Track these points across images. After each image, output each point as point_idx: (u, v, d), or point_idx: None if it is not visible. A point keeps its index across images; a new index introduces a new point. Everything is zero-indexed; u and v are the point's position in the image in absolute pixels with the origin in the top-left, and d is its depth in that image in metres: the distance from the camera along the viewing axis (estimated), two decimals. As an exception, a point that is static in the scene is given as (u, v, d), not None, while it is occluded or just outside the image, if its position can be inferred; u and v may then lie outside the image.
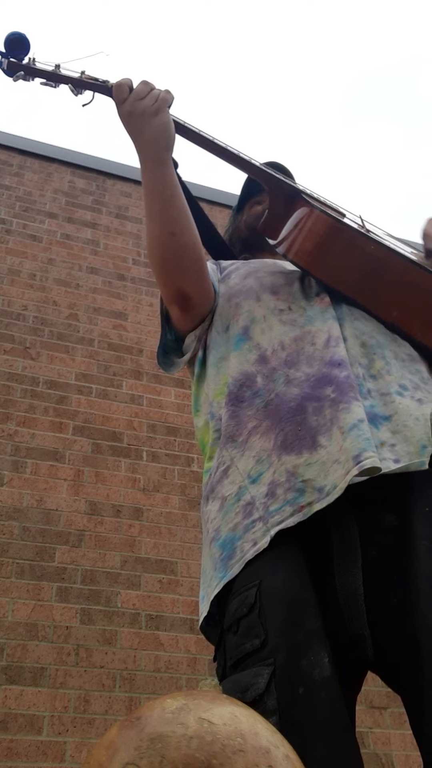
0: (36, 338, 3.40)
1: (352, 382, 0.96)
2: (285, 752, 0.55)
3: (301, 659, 0.78)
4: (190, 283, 1.14)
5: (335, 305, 1.09)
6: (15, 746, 2.32)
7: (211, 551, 0.98)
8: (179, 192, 1.13)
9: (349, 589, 0.86)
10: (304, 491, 0.90)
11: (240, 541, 0.92)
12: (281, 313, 1.10)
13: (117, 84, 1.11)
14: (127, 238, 4.06)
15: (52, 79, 1.13)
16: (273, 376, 1.03)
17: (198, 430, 1.15)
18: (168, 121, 1.11)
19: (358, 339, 1.05)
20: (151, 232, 1.13)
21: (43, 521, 2.84)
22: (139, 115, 1.10)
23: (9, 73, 1.12)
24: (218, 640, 0.93)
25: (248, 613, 0.85)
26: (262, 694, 0.76)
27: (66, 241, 3.88)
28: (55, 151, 4.30)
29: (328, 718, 0.75)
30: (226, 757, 0.51)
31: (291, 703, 0.75)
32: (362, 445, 0.88)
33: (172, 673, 2.65)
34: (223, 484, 1.00)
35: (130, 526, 2.97)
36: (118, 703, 2.52)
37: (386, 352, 1.05)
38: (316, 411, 0.95)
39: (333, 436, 0.92)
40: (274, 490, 0.92)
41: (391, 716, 2.77)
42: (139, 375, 3.49)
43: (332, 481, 0.89)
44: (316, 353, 1.02)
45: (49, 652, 2.55)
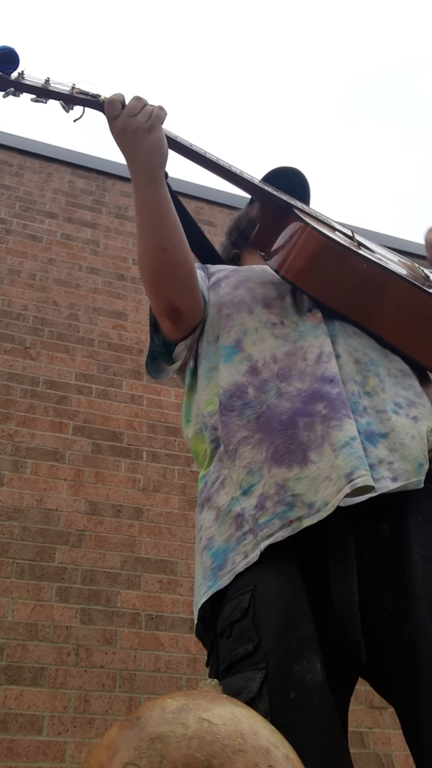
0: (36, 338, 3.40)
1: (344, 399, 0.96)
2: (285, 752, 0.55)
3: (293, 664, 0.78)
4: (181, 298, 1.14)
5: (327, 321, 1.09)
6: (15, 746, 2.32)
7: (202, 559, 0.98)
8: (172, 209, 1.12)
9: (344, 596, 0.86)
10: (294, 505, 0.90)
11: (232, 552, 0.93)
12: (273, 327, 1.10)
13: (109, 100, 1.08)
14: (127, 238, 4.06)
15: (41, 94, 1.09)
16: (264, 387, 1.03)
17: (189, 440, 1.15)
18: (161, 137, 1.09)
19: (351, 356, 1.06)
20: (142, 248, 1.13)
21: (43, 521, 2.84)
22: (132, 131, 1.07)
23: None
24: (211, 644, 0.93)
25: (242, 617, 0.85)
26: (254, 698, 0.77)
27: (66, 241, 3.88)
28: (55, 151, 4.30)
29: (320, 722, 0.75)
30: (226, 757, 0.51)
31: (282, 708, 0.75)
32: (355, 464, 0.88)
33: (172, 673, 2.65)
34: (219, 494, 1.00)
35: (130, 526, 2.97)
36: (118, 703, 2.52)
37: (379, 369, 1.06)
38: (307, 426, 0.95)
39: (324, 452, 0.92)
40: (264, 503, 0.92)
41: (391, 716, 2.77)
42: (139, 375, 3.49)
43: (323, 498, 0.89)
44: (308, 369, 1.02)
45: (49, 652, 2.55)
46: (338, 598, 0.86)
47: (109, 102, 1.08)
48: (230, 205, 4.40)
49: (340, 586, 0.87)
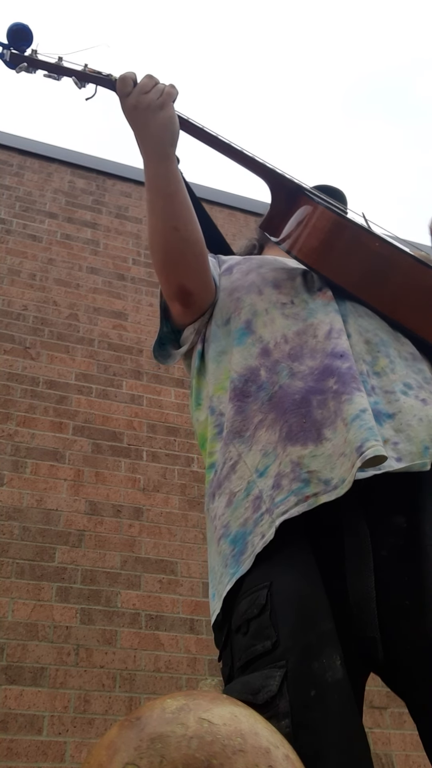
0: (36, 338, 3.40)
1: (354, 373, 0.96)
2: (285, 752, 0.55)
3: (313, 661, 0.77)
4: (193, 279, 1.13)
5: (338, 300, 1.09)
6: (15, 746, 2.32)
7: (220, 548, 0.97)
8: (182, 187, 1.12)
9: (361, 592, 0.85)
10: (310, 482, 0.89)
11: (251, 535, 0.91)
12: (284, 307, 1.10)
13: (121, 77, 1.09)
14: (127, 238, 4.06)
15: (54, 71, 1.11)
16: (276, 368, 1.02)
17: (199, 424, 1.14)
18: (172, 115, 1.09)
19: (362, 336, 1.05)
20: (153, 228, 1.12)
21: (43, 521, 2.84)
22: (143, 109, 1.07)
23: (11, 65, 1.10)
24: (224, 641, 0.92)
25: (259, 614, 0.84)
26: (274, 697, 0.76)
27: (66, 241, 3.88)
28: (55, 151, 4.30)
29: (341, 720, 0.75)
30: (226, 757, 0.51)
31: (303, 706, 0.75)
32: (364, 435, 0.87)
33: (172, 673, 2.65)
34: (231, 479, 0.99)
35: (130, 526, 2.97)
36: (118, 703, 2.52)
37: (390, 351, 1.05)
38: (320, 404, 0.95)
39: (337, 428, 0.91)
40: (280, 482, 0.92)
41: (391, 716, 2.77)
42: (139, 375, 3.49)
43: (339, 475, 0.88)
44: (318, 345, 1.02)
45: (49, 652, 2.55)
46: (355, 594, 0.85)
47: (121, 79, 1.09)
48: (230, 205, 4.40)
49: (357, 581, 0.86)
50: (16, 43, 1.09)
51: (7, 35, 1.10)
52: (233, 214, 4.38)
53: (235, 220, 4.34)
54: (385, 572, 0.87)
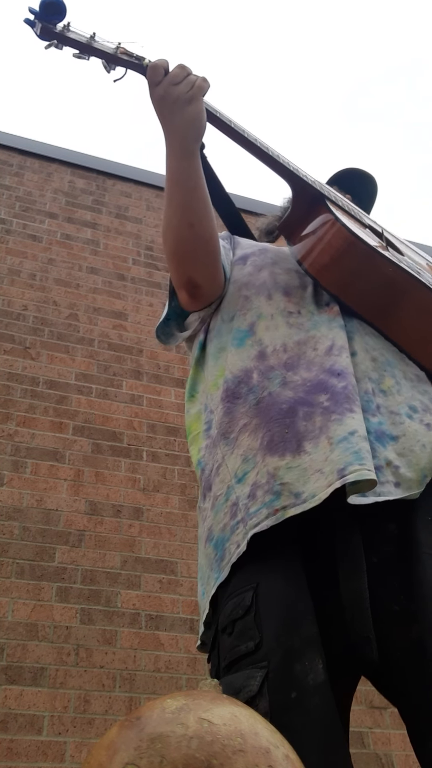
0: (36, 338, 3.40)
1: (349, 393, 0.94)
2: (285, 752, 0.55)
3: (294, 664, 0.77)
4: (201, 274, 1.12)
5: (345, 317, 1.07)
6: (15, 746, 2.32)
7: (206, 550, 0.98)
8: (202, 182, 1.10)
9: (355, 592, 0.85)
10: (281, 494, 0.89)
11: (228, 543, 0.92)
12: (290, 316, 1.08)
13: (152, 65, 1.05)
14: (127, 238, 4.06)
15: (84, 50, 1.05)
16: (269, 374, 1.01)
17: (189, 416, 1.13)
18: (201, 110, 1.06)
19: (368, 354, 1.03)
20: (168, 220, 1.11)
21: (43, 521, 2.84)
22: (172, 101, 1.04)
23: (42, 37, 1.04)
24: (212, 641, 0.93)
25: (244, 615, 0.84)
26: (254, 697, 0.76)
27: (66, 241, 3.88)
28: (55, 151, 4.29)
29: (320, 723, 0.75)
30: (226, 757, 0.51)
31: (283, 707, 0.75)
32: (349, 459, 0.86)
33: (172, 673, 2.65)
34: (215, 482, 0.99)
35: (130, 526, 2.97)
36: (118, 703, 2.52)
37: (396, 371, 1.03)
38: (306, 416, 0.94)
39: (320, 444, 0.90)
40: (255, 492, 0.92)
41: (391, 716, 2.77)
42: (139, 375, 3.49)
43: (311, 490, 0.87)
44: (317, 359, 1.01)
45: (49, 652, 2.55)
46: (348, 595, 0.85)
47: (152, 67, 1.05)
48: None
49: (350, 583, 0.86)
50: (48, 16, 1.03)
51: (40, 6, 1.03)
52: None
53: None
54: (375, 578, 0.87)
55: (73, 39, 1.04)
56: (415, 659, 0.81)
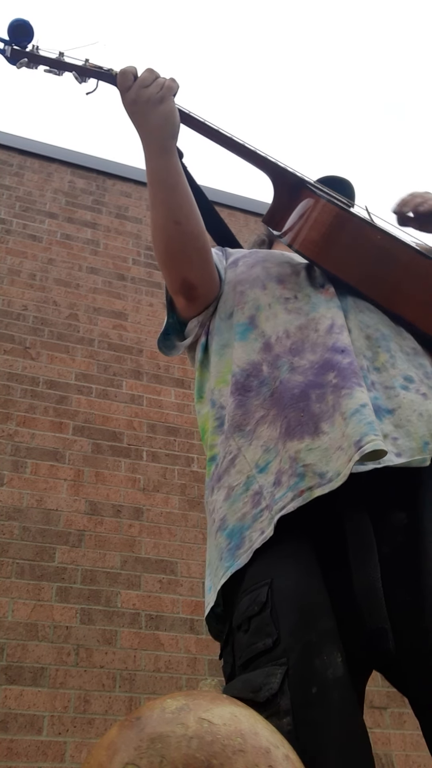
0: (36, 338, 3.40)
1: (355, 368, 0.96)
2: (285, 752, 0.55)
3: (314, 659, 0.77)
4: (196, 273, 1.13)
5: (340, 296, 1.09)
6: (15, 746, 2.32)
7: (217, 541, 0.97)
8: (183, 180, 1.12)
9: (368, 583, 0.85)
10: (305, 476, 0.89)
11: (248, 530, 0.92)
12: (287, 302, 1.10)
13: (122, 71, 1.10)
14: (127, 238, 4.06)
15: (55, 66, 1.11)
16: (277, 363, 1.02)
17: (200, 416, 1.14)
18: (173, 108, 1.10)
19: (362, 332, 1.05)
20: (155, 221, 1.13)
21: (43, 521, 2.84)
22: (143, 102, 1.08)
23: (12, 61, 1.11)
24: (225, 638, 0.92)
25: (260, 611, 0.84)
26: (276, 694, 0.76)
27: (66, 241, 3.88)
28: (55, 151, 4.30)
29: (342, 718, 0.75)
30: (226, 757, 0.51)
31: (304, 704, 0.75)
32: (364, 429, 0.87)
33: (172, 673, 2.65)
34: (230, 473, 0.99)
35: (130, 526, 2.97)
36: (118, 703, 2.52)
37: (391, 345, 1.05)
38: (319, 398, 0.95)
39: (335, 422, 0.91)
40: (280, 478, 0.92)
41: (391, 716, 2.77)
42: (139, 375, 3.49)
43: (335, 468, 0.88)
44: (319, 339, 1.02)
45: (49, 652, 2.55)
46: (361, 587, 0.85)
47: (122, 73, 1.10)
48: (230, 205, 4.40)
49: (362, 574, 0.86)
50: (17, 39, 1.09)
51: (8, 31, 1.10)
52: (233, 214, 4.38)
53: (235, 220, 4.34)
54: (386, 568, 0.87)
55: (43, 57, 1.11)
56: (424, 651, 0.81)
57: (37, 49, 1.10)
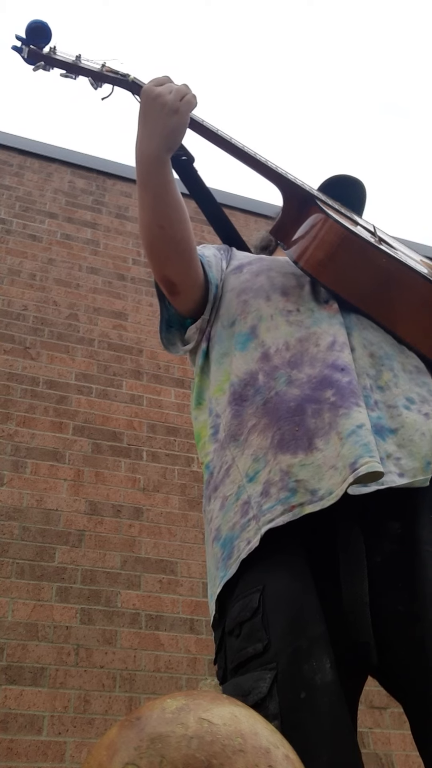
0: (36, 338, 3.40)
1: (354, 388, 0.95)
2: (285, 752, 0.55)
3: (303, 664, 0.78)
4: (175, 272, 1.15)
5: (344, 313, 1.09)
6: (15, 746, 2.32)
7: (213, 550, 0.98)
8: (172, 187, 1.12)
9: (355, 598, 0.85)
10: (296, 491, 0.90)
11: (237, 540, 0.92)
12: (289, 314, 1.10)
13: (158, 77, 1.10)
14: (127, 238, 4.06)
15: (71, 70, 1.11)
16: (275, 374, 1.02)
17: (197, 422, 1.15)
18: (183, 124, 1.09)
19: (366, 349, 1.05)
20: (141, 220, 1.15)
21: (43, 521, 2.84)
22: (160, 105, 1.07)
23: (30, 61, 1.10)
24: (219, 643, 0.93)
25: (251, 617, 0.84)
26: (264, 698, 0.76)
27: (66, 241, 3.88)
28: (55, 151, 4.29)
29: (330, 722, 0.75)
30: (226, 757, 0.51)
31: (293, 708, 0.75)
32: (359, 452, 0.87)
33: (172, 673, 2.65)
34: (225, 483, 1.00)
35: (130, 526, 2.97)
36: (118, 703, 2.52)
37: (394, 364, 1.05)
38: (315, 413, 0.95)
39: (330, 440, 0.91)
40: (268, 489, 0.92)
41: (391, 716, 2.77)
42: (139, 375, 3.49)
43: (327, 487, 0.88)
44: (319, 354, 1.02)
45: (49, 652, 2.55)
46: (348, 600, 0.85)
47: (155, 78, 1.10)
48: (231, 205, 4.40)
49: (350, 587, 0.86)
50: (35, 40, 1.09)
51: (26, 32, 1.09)
52: (233, 214, 4.38)
53: (235, 220, 4.33)
54: (378, 577, 0.87)
55: (59, 60, 1.10)
56: (418, 658, 0.82)
57: (54, 51, 1.10)
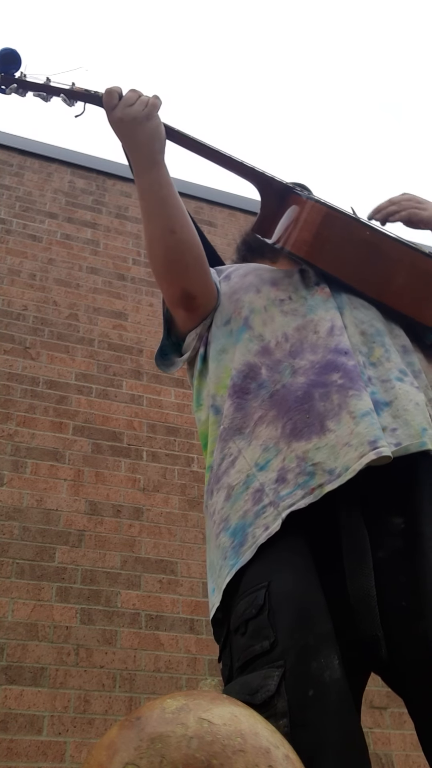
0: (36, 338, 3.40)
1: (359, 372, 0.98)
2: (285, 752, 0.55)
3: (311, 661, 0.77)
4: (194, 282, 1.15)
5: (335, 295, 1.11)
6: (15, 746, 2.32)
7: (219, 542, 0.97)
8: (174, 191, 1.15)
9: (362, 591, 0.85)
10: (315, 474, 0.91)
11: (251, 527, 0.92)
12: (282, 303, 1.12)
13: (107, 91, 1.14)
14: (127, 238, 4.06)
15: (44, 91, 1.17)
16: (279, 368, 1.04)
17: (201, 424, 1.15)
18: (159, 124, 1.14)
19: (357, 328, 1.07)
20: (151, 235, 1.15)
21: (43, 521, 2.84)
22: (130, 120, 1.12)
23: (1, 89, 1.17)
24: (224, 641, 0.92)
25: (257, 614, 0.84)
26: (272, 696, 0.76)
27: (66, 241, 3.88)
28: (55, 151, 4.29)
29: (338, 719, 0.75)
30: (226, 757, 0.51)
31: (301, 706, 0.75)
32: (377, 433, 0.90)
33: (172, 673, 2.65)
34: (229, 474, 1.00)
35: (130, 526, 2.97)
36: (118, 703, 2.52)
37: (385, 339, 1.07)
38: (323, 397, 0.96)
39: (342, 420, 0.93)
40: (285, 476, 0.93)
41: (391, 716, 2.77)
42: (139, 375, 3.49)
43: (343, 463, 0.89)
44: (320, 341, 1.04)
45: (49, 652, 2.55)
46: (355, 594, 0.85)
47: (107, 93, 1.13)
48: (230, 205, 4.40)
49: (356, 581, 0.86)
50: (6, 67, 1.15)
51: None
52: (233, 214, 4.38)
53: (235, 220, 4.35)
54: (382, 573, 0.87)
55: (32, 83, 1.17)
56: (421, 655, 0.82)
57: (24, 75, 1.16)
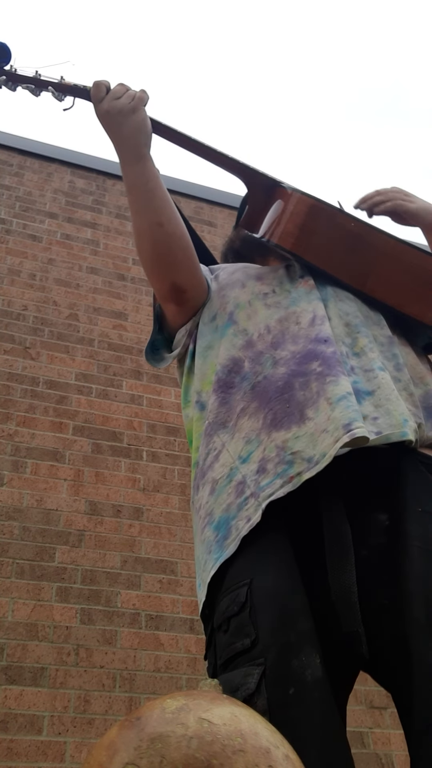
0: (36, 338, 3.40)
1: (339, 357, 0.98)
2: (285, 752, 0.55)
3: (292, 660, 0.77)
4: (184, 275, 1.15)
5: (320, 287, 1.12)
6: (15, 746, 2.32)
7: (204, 536, 0.97)
8: (161, 184, 1.16)
9: (342, 587, 0.85)
10: (293, 463, 0.90)
11: (234, 520, 0.92)
12: (266, 297, 1.13)
13: (95, 84, 1.15)
14: (127, 238, 4.06)
15: (34, 84, 1.18)
16: (260, 359, 1.04)
17: (188, 420, 1.15)
18: (145, 117, 1.15)
19: (342, 319, 1.08)
20: (139, 228, 1.15)
21: (43, 521, 2.84)
22: (116, 113, 1.13)
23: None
24: (208, 639, 0.92)
25: (239, 611, 0.84)
26: (252, 695, 0.76)
27: (66, 241, 3.88)
28: (55, 151, 4.30)
29: (320, 719, 0.74)
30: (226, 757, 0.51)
31: (281, 704, 0.74)
32: (352, 416, 0.89)
33: (172, 673, 2.65)
34: (213, 468, 1.00)
35: (130, 526, 2.97)
36: (118, 703, 2.52)
37: (369, 332, 1.08)
38: (302, 386, 0.97)
39: (320, 407, 0.93)
40: (265, 466, 0.93)
41: (391, 716, 2.77)
42: (139, 375, 3.49)
43: (321, 450, 0.89)
44: (301, 332, 1.04)
45: (49, 652, 2.55)
46: (337, 590, 0.85)
47: (95, 86, 1.15)
48: (230, 205, 4.40)
49: (338, 577, 0.85)
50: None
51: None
52: (233, 214, 4.38)
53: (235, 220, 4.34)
54: (365, 570, 0.87)
55: (22, 76, 1.18)
56: (401, 655, 0.81)
57: (15, 69, 1.17)
